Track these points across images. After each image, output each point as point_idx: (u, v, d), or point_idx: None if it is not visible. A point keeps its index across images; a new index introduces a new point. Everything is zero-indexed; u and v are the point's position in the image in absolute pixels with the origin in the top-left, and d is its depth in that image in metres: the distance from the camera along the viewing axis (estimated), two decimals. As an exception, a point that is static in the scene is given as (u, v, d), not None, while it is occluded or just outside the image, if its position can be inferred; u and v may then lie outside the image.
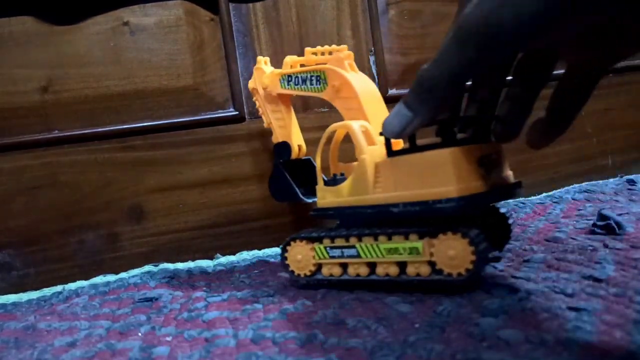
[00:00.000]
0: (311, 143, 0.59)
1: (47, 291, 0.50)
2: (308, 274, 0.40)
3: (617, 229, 0.44)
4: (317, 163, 0.40)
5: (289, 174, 0.49)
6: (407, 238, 0.35)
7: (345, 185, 0.38)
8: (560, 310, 0.29)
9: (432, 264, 0.34)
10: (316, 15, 0.60)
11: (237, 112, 0.57)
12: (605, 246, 0.41)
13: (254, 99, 0.52)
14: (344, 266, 0.39)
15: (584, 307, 0.29)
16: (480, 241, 0.33)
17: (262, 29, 0.58)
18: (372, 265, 0.37)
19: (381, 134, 0.33)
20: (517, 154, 0.69)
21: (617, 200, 0.58)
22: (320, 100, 0.59)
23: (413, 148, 0.34)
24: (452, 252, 0.33)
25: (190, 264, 0.54)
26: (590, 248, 0.41)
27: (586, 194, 0.64)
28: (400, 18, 0.62)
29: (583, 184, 0.71)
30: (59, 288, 0.50)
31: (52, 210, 0.53)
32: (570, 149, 0.72)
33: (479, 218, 0.37)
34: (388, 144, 0.35)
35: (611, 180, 0.71)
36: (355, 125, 0.38)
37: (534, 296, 0.32)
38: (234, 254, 0.56)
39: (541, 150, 0.74)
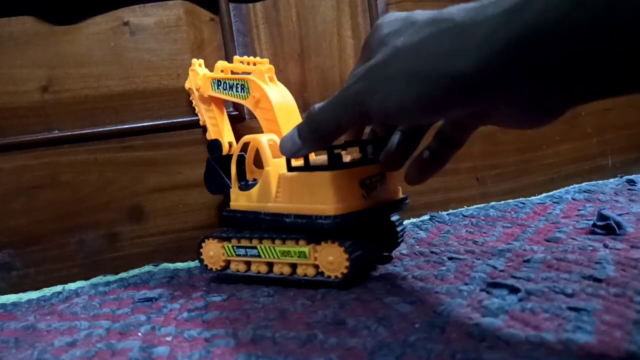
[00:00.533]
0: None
1: (47, 291, 0.50)
2: (219, 268, 0.45)
3: (617, 229, 0.44)
4: (232, 169, 0.46)
5: (222, 170, 0.52)
6: (297, 243, 0.40)
7: (253, 191, 0.44)
8: (560, 310, 0.29)
9: (316, 266, 0.40)
10: (316, 15, 0.60)
11: (237, 112, 0.57)
12: (605, 246, 0.41)
13: (190, 98, 0.55)
14: (248, 264, 0.44)
15: (584, 307, 0.29)
16: (354, 250, 0.38)
17: (262, 29, 0.58)
18: (270, 265, 0.43)
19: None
20: (517, 154, 0.69)
21: (617, 200, 0.58)
22: (321, 100, 0.59)
23: (307, 167, 0.39)
24: (331, 257, 0.39)
25: (190, 264, 0.54)
26: (590, 248, 0.41)
27: (586, 194, 0.64)
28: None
29: (583, 184, 0.71)
30: (59, 288, 0.50)
31: (52, 210, 0.53)
32: (570, 149, 0.72)
33: (361, 228, 0.41)
34: (288, 161, 0.40)
35: (611, 180, 0.71)
36: (264, 140, 0.43)
37: (534, 296, 0.32)
38: (234, 254, 0.56)
39: (541, 150, 0.74)
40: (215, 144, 0.53)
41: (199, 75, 0.52)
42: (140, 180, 0.55)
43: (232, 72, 0.51)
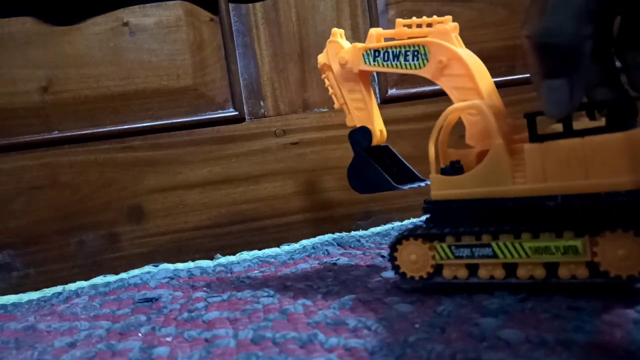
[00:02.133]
0: (310, 144, 0.59)
1: (47, 291, 0.50)
2: (425, 276, 0.35)
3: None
4: (431, 150, 0.35)
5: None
6: (560, 236, 0.31)
7: (471, 175, 0.33)
8: (560, 310, 0.29)
9: (593, 264, 0.30)
10: (316, 15, 0.60)
11: (237, 113, 0.57)
12: (605, 246, 0.41)
13: (323, 77, 0.45)
14: (471, 268, 0.34)
15: (584, 307, 0.29)
16: None
17: (262, 29, 0.58)
18: (509, 267, 0.33)
19: (528, 117, 0.31)
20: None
21: (617, 200, 0.58)
22: (321, 100, 0.59)
23: (568, 132, 0.30)
24: (622, 251, 0.29)
25: (190, 264, 0.54)
26: (591, 248, 0.41)
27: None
28: (400, 18, 0.62)
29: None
30: (59, 288, 0.50)
31: (52, 210, 0.53)
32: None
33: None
34: (532, 128, 0.31)
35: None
36: (484, 106, 0.33)
37: (534, 296, 0.32)
38: (234, 254, 0.56)
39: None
40: (364, 133, 0.42)
41: (346, 48, 0.43)
42: (140, 181, 0.55)
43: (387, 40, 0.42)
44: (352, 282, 0.41)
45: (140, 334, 0.34)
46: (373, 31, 0.42)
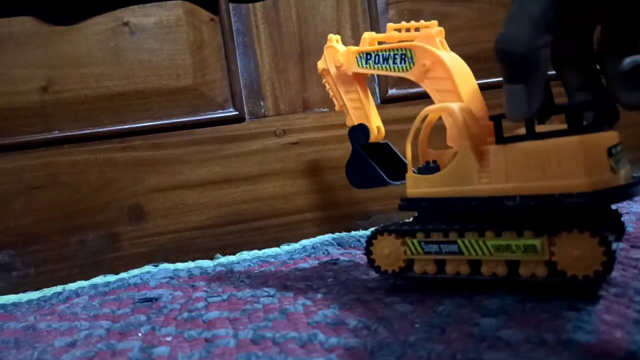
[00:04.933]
0: (310, 143, 0.59)
1: (47, 291, 0.50)
2: (397, 270, 0.37)
3: (617, 229, 0.44)
4: (408, 150, 0.37)
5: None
6: (520, 235, 0.32)
7: (442, 174, 0.35)
8: (560, 310, 0.29)
9: (551, 263, 0.31)
10: (316, 15, 0.60)
11: (237, 112, 0.57)
12: (605, 246, 0.41)
13: (324, 81, 0.47)
14: (439, 263, 0.36)
15: (584, 307, 0.29)
16: (611, 241, 0.29)
17: (262, 29, 0.58)
18: (474, 264, 0.34)
19: (494, 120, 0.32)
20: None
21: (617, 200, 0.58)
22: (321, 100, 0.59)
23: (530, 135, 0.31)
24: (578, 251, 0.30)
25: (190, 264, 0.54)
26: (590, 248, 0.41)
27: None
28: (400, 18, 0.62)
29: (583, 183, 0.71)
30: (59, 288, 0.50)
31: (52, 210, 0.53)
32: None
33: (600, 215, 0.33)
34: (498, 130, 0.32)
35: (611, 180, 0.71)
36: (456, 108, 0.34)
37: (534, 296, 0.32)
38: (234, 254, 0.56)
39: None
40: (362, 129, 0.45)
41: (340, 51, 0.45)
42: (140, 180, 0.55)
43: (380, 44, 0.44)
44: (352, 282, 0.41)
45: (140, 334, 0.34)
46: (366, 35, 0.43)
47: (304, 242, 0.56)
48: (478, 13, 0.63)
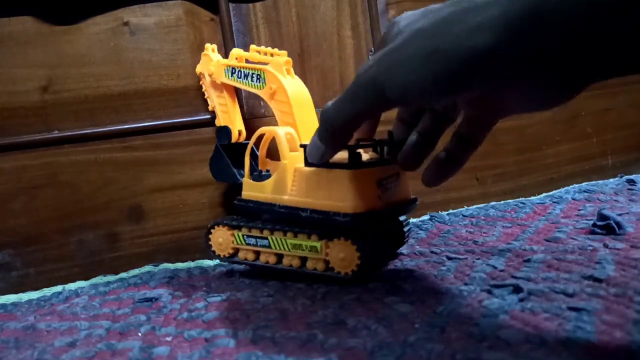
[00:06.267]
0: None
1: (47, 291, 0.50)
2: (227, 255, 0.46)
3: (617, 229, 0.44)
4: (246, 160, 0.45)
5: (229, 157, 0.52)
6: (309, 237, 0.41)
7: (267, 183, 0.43)
8: (560, 310, 0.29)
9: (326, 261, 0.41)
10: (316, 15, 0.60)
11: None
12: (605, 246, 0.41)
13: (200, 82, 0.54)
14: (257, 253, 0.45)
15: (584, 307, 0.29)
16: (366, 248, 0.39)
17: (262, 29, 0.58)
18: (279, 256, 0.44)
19: (302, 147, 0.39)
20: (517, 154, 0.69)
21: (617, 200, 0.58)
22: (321, 100, 0.59)
23: (324, 164, 0.39)
24: (343, 254, 0.40)
25: (190, 264, 0.54)
26: (590, 248, 0.41)
27: (586, 194, 0.64)
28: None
29: (583, 184, 0.71)
30: (59, 288, 0.50)
31: (52, 210, 0.53)
32: (570, 149, 0.72)
33: (373, 227, 0.42)
34: (305, 155, 0.39)
35: (611, 180, 0.71)
36: (281, 132, 0.43)
37: (534, 296, 0.32)
38: (234, 254, 0.56)
39: (541, 150, 0.74)
40: (225, 131, 0.53)
41: (213, 61, 0.52)
42: (140, 180, 0.55)
43: (247, 61, 0.51)
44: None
45: (140, 334, 0.34)
46: (234, 51, 0.51)
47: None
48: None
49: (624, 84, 0.74)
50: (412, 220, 0.61)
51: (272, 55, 0.49)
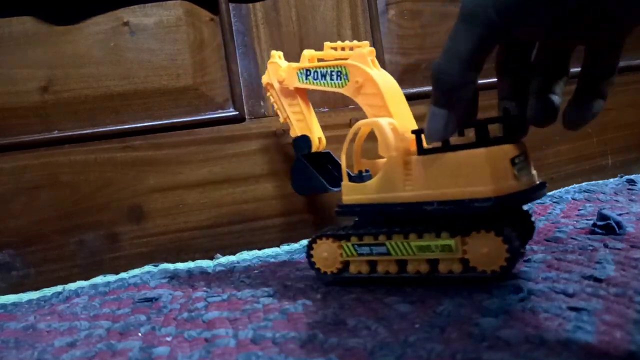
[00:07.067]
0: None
1: (47, 291, 0.50)
2: (335, 271, 0.40)
3: (617, 229, 0.44)
4: (343, 160, 0.40)
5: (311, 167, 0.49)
6: (438, 236, 0.35)
7: (372, 182, 0.38)
8: (560, 310, 0.29)
9: (464, 260, 0.35)
10: (316, 15, 0.60)
11: (237, 112, 0.57)
12: (605, 246, 0.41)
13: (268, 94, 0.51)
14: (372, 264, 0.39)
15: (584, 307, 0.29)
16: (513, 239, 0.33)
17: (262, 29, 0.58)
18: (401, 263, 0.38)
19: (415, 133, 0.35)
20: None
21: (617, 200, 0.58)
22: (321, 100, 0.59)
23: (446, 147, 0.34)
24: (486, 249, 0.34)
25: (190, 264, 0.54)
26: (590, 248, 0.41)
27: (586, 194, 0.64)
28: (400, 18, 0.62)
29: (583, 184, 0.71)
30: (59, 288, 0.50)
31: (52, 210, 0.53)
32: (570, 149, 0.72)
33: (509, 216, 0.37)
34: (419, 142, 0.35)
35: (611, 180, 0.71)
36: (383, 122, 0.38)
37: (534, 296, 0.32)
38: (234, 254, 0.56)
39: (541, 150, 0.74)
40: (304, 140, 0.49)
41: (282, 67, 0.48)
42: (140, 180, 0.55)
43: (319, 61, 0.48)
44: (352, 282, 0.41)
45: (140, 334, 0.34)
46: (306, 52, 0.47)
47: (304, 242, 0.56)
48: (478, 13, 0.63)
49: (624, 83, 0.74)
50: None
51: (351, 48, 0.45)
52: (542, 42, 0.33)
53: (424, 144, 0.35)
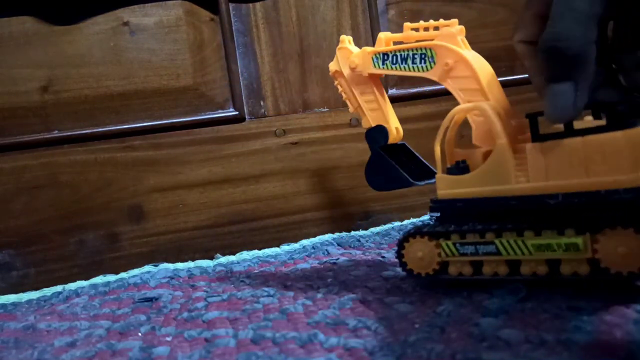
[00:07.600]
0: (310, 144, 0.59)
1: (47, 291, 0.50)
2: (431, 272, 0.36)
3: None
4: (437, 150, 0.36)
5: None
6: (561, 233, 0.31)
7: (475, 174, 0.34)
8: (560, 310, 0.29)
9: (593, 261, 0.30)
10: (316, 15, 0.60)
11: (237, 112, 0.57)
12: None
13: (336, 83, 0.46)
14: (475, 264, 0.35)
15: (584, 307, 0.29)
16: None
17: (262, 29, 0.58)
18: (512, 264, 0.34)
19: (530, 117, 0.31)
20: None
21: (617, 200, 0.58)
22: (321, 100, 0.59)
23: (569, 131, 0.30)
24: (623, 248, 0.29)
25: (190, 264, 0.54)
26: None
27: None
28: (400, 18, 0.62)
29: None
30: (59, 288, 0.50)
31: (52, 210, 0.53)
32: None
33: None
34: (534, 128, 0.32)
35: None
36: (487, 107, 0.33)
37: (534, 296, 0.32)
38: (234, 254, 0.56)
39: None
40: (381, 131, 0.43)
41: (355, 52, 0.43)
42: (140, 180, 0.55)
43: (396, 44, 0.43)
44: (352, 282, 0.41)
45: (140, 334, 0.34)
46: (382, 35, 0.42)
47: (304, 242, 0.56)
48: (478, 13, 0.63)
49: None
50: (412, 220, 0.61)
51: (435, 28, 0.41)
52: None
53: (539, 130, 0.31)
